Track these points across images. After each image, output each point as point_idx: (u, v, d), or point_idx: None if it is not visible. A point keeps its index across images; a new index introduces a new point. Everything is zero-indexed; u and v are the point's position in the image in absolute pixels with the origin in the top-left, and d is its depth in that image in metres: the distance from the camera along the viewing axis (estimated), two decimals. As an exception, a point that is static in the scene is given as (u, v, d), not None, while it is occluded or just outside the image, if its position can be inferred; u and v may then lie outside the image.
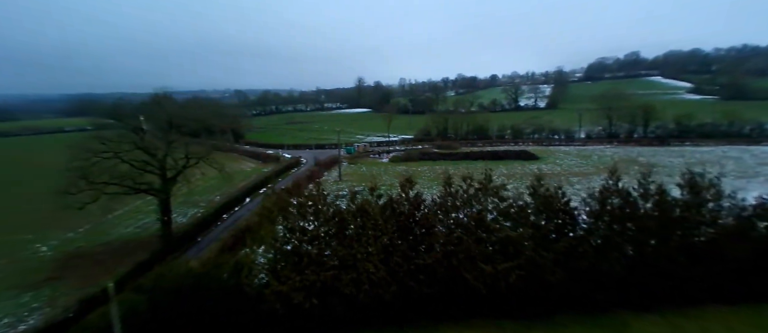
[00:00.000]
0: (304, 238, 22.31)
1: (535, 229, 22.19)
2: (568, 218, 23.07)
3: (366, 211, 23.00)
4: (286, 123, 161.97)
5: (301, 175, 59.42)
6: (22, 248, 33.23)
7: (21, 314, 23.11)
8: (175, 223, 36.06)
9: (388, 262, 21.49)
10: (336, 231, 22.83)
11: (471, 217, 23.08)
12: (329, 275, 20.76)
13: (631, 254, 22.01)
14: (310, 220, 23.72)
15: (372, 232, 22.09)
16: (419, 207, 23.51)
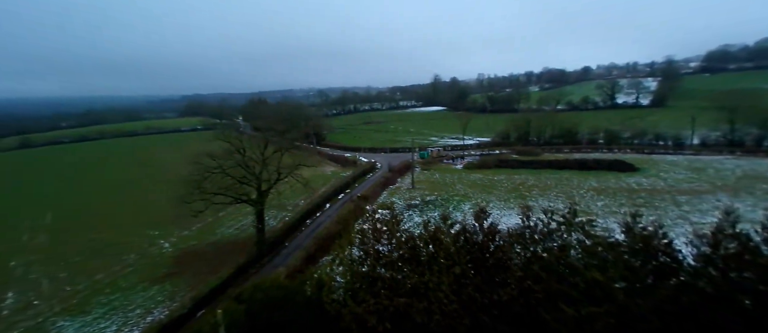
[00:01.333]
0: (379, 263, 23.30)
1: (628, 272, 20.13)
2: (670, 261, 20.44)
3: (438, 239, 23.15)
4: (363, 123, 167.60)
5: (375, 182, 61.52)
6: (150, 243, 40.21)
7: (149, 306, 28.17)
8: (267, 226, 40.36)
9: (461, 294, 21.37)
10: (409, 256, 23.37)
11: (552, 253, 21.82)
12: (402, 302, 21.40)
13: (750, 309, 18.73)
14: (384, 242, 24.62)
15: (444, 261, 22.21)
16: (494, 238, 22.91)
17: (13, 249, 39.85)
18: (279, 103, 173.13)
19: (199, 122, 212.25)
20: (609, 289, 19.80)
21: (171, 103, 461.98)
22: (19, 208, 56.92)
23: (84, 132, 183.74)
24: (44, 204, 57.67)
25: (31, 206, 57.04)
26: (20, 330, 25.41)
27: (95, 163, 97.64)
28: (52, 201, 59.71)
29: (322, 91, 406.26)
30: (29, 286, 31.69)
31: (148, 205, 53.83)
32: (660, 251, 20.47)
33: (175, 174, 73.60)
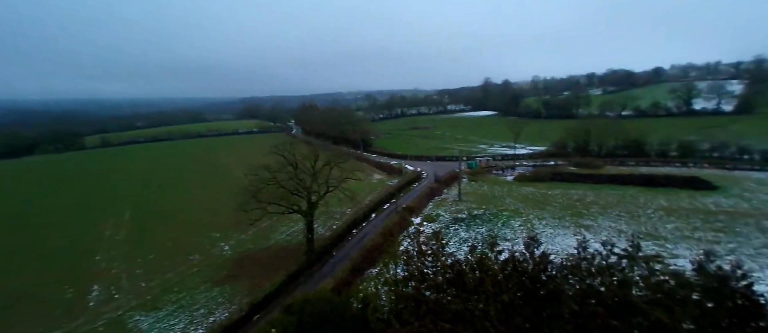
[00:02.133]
0: (423, 285, 23.28)
1: (701, 315, 18.26)
2: (751, 305, 18.24)
3: (485, 266, 22.64)
4: (409, 128, 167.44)
5: (421, 192, 61.26)
6: (212, 246, 43.58)
7: (211, 307, 30.57)
8: (316, 233, 41.99)
9: (509, 324, 20.68)
10: (453, 279, 23.11)
11: (610, 288, 20.41)
12: (447, 327, 21.18)
13: None
14: (429, 263, 24.53)
15: (491, 288, 21.67)
16: (546, 268, 21.93)
17: (98, 244, 45.23)
18: (328, 109, 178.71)
19: (255, 125, 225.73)
20: (675, 331, 18.15)
21: (230, 105, 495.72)
22: (103, 204, 64.31)
23: (155, 132, 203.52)
24: (123, 202, 64.71)
25: (113, 203, 64.26)
26: (104, 321, 28.83)
27: (165, 163, 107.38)
28: (130, 199, 66.78)
29: (370, 94, 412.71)
30: (111, 280, 35.85)
31: (211, 207, 58.30)
32: (738, 292, 18.43)
33: (234, 177, 78.97)
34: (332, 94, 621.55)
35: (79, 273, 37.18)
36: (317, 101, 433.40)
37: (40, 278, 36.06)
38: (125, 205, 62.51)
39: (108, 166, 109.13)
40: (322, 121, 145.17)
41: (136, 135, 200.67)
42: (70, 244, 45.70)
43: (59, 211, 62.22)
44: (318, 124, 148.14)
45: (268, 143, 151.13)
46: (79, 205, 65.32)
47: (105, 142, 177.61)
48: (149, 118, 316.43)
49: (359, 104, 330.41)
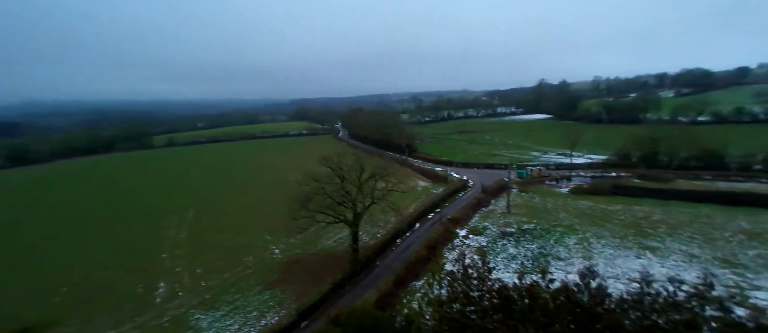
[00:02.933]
0: (468, 309, 22.74)
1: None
2: None
3: (535, 293, 21.63)
4: (456, 132, 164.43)
5: (467, 202, 59.89)
6: (265, 248, 45.97)
7: (263, 310, 32.27)
8: (360, 240, 42.73)
9: (560, 358, 19.62)
10: (500, 305, 22.32)
11: (678, 328, 18.55)
12: (493, 356, 20.58)
13: None
14: (473, 285, 23.89)
15: (542, 318, 20.64)
16: (603, 301, 20.46)
17: (164, 242, 49.56)
18: (373, 112, 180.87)
19: (304, 127, 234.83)
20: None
21: (283, 107, 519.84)
22: (169, 203, 70.32)
23: (215, 133, 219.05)
24: (187, 201, 70.29)
25: (177, 202, 70.06)
26: (168, 318, 31.57)
27: (223, 164, 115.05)
28: (193, 199, 72.36)
29: (416, 96, 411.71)
30: (175, 277, 39.14)
31: (263, 210, 61.54)
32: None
33: (284, 180, 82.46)
34: (379, 95, 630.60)
35: (148, 270, 41.00)
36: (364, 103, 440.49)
37: (116, 273, 40.28)
38: (188, 204, 67.83)
39: (173, 165, 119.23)
40: (368, 125, 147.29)
41: (197, 135, 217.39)
42: (141, 241, 50.58)
43: (131, 208, 69.02)
44: (364, 128, 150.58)
45: (315, 146, 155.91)
46: (149, 203, 71.99)
47: (171, 142, 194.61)
48: (210, 119, 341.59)
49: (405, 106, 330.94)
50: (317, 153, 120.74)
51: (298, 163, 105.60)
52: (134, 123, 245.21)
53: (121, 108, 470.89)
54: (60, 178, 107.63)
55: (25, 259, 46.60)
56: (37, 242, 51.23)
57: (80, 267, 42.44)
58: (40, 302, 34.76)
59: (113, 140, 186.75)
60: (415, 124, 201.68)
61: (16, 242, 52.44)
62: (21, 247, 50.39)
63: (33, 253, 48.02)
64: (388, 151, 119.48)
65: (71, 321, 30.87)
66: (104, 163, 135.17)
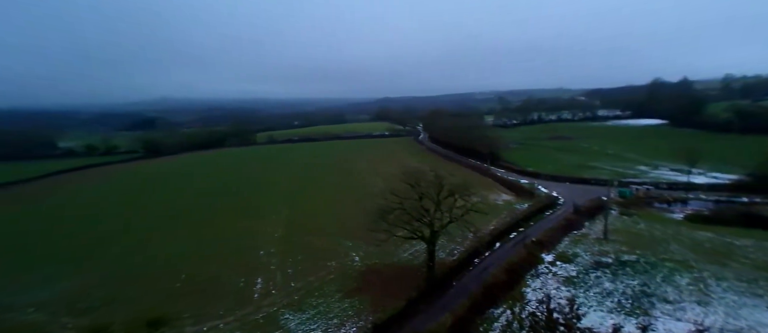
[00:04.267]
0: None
1: None
2: None
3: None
4: (547, 137, 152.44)
5: (555, 223, 55.32)
6: (346, 254, 48.67)
7: (342, 318, 34.36)
8: (437, 256, 42.68)
9: None
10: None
11: None
12: None
13: None
14: (561, 332, 22.30)
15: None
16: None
17: (262, 239, 55.43)
18: (455, 116, 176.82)
19: (386, 128, 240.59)
20: None
21: (367, 106, 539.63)
22: (267, 201, 78.20)
23: (306, 132, 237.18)
24: (281, 200, 77.51)
25: (274, 201, 77.57)
26: (263, 314, 35.50)
27: (312, 163, 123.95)
28: (287, 198, 79.47)
29: (503, 96, 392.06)
30: (270, 275, 43.72)
31: (345, 214, 64.99)
32: None
33: (365, 184, 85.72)
34: (461, 94, 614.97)
35: (248, 265, 46.39)
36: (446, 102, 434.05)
37: (222, 266, 46.38)
38: (283, 203, 74.79)
39: (271, 163, 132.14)
40: (449, 128, 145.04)
41: (292, 134, 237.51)
42: (243, 236, 57.28)
43: (235, 203, 78.39)
44: (444, 132, 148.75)
45: (395, 150, 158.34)
46: (250, 198, 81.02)
47: (270, 139, 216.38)
48: (303, 117, 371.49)
49: (490, 107, 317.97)
50: (396, 157, 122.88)
51: (378, 167, 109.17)
52: (240, 121, 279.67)
53: (231, 106, 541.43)
54: (182, 171, 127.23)
55: (146, 249, 55.89)
56: (154, 235, 61.08)
57: (191, 259, 49.69)
58: (160, 291, 41.57)
59: (224, 136, 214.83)
60: (499, 127, 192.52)
61: (138, 234, 63.03)
62: (142, 238, 60.51)
63: (151, 244, 57.33)
64: (469, 157, 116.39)
65: (184, 311, 36.54)
66: (216, 157, 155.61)
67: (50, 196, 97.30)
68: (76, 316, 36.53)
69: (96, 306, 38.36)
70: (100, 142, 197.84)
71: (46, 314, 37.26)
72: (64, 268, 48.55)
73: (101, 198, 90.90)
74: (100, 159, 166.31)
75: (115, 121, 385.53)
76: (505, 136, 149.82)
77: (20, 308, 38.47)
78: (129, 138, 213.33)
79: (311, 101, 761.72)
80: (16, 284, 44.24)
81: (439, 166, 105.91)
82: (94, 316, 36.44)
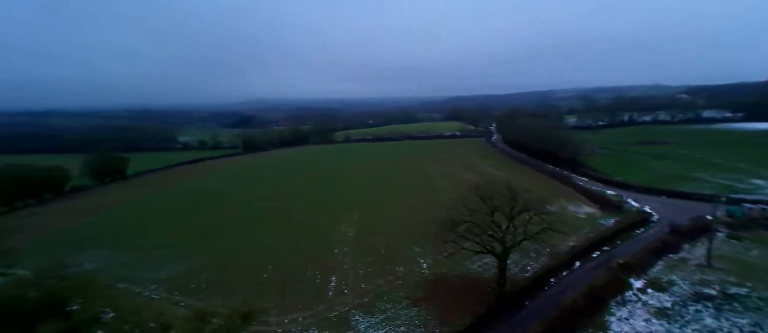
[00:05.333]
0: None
1: None
2: None
3: None
4: (639, 143, 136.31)
5: (647, 244, 49.95)
6: (414, 260, 49.84)
7: (409, 327, 35.66)
8: (509, 270, 41.74)
9: None
10: None
11: None
12: None
13: None
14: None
15: None
16: None
17: (336, 238, 59.01)
18: (532, 117, 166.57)
19: (458, 128, 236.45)
20: None
21: (439, 105, 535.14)
22: (343, 199, 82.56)
23: (379, 131, 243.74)
24: (355, 199, 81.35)
25: (348, 199, 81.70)
26: (335, 313, 38.32)
27: (384, 164, 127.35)
28: (359, 197, 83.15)
29: (587, 93, 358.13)
30: (343, 274, 46.74)
31: (414, 218, 66.04)
32: None
33: (435, 188, 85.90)
34: (540, 92, 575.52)
35: (325, 263, 49.95)
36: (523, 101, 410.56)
37: (302, 262, 50.61)
38: (356, 202, 78.62)
39: (348, 161, 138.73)
40: (525, 131, 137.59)
41: (366, 133, 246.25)
42: (320, 233, 61.54)
43: (317, 200, 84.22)
44: (520, 134, 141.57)
45: (467, 151, 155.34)
46: (329, 196, 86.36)
47: (347, 138, 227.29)
48: (377, 116, 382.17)
49: (572, 105, 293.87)
50: (467, 160, 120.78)
51: (449, 170, 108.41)
52: (322, 120, 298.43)
53: (316, 105, 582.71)
54: (272, 166, 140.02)
55: (242, 238, 62.58)
56: (248, 226, 68.17)
57: (277, 251, 54.89)
58: (251, 280, 46.84)
59: (308, 135, 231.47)
60: (583, 128, 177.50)
61: (236, 224, 70.89)
62: (238, 228, 67.89)
63: (245, 234, 64.22)
64: (547, 163, 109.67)
65: (270, 301, 40.97)
66: (300, 154, 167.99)
67: (171, 185, 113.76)
68: (186, 295, 43.35)
69: (203, 287, 45.04)
70: (210, 138, 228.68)
71: (164, 291, 44.71)
72: (180, 250, 56.97)
73: (208, 189, 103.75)
74: (209, 153, 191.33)
75: (221, 119, 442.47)
76: (589, 139, 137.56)
77: (147, 284, 46.68)
78: (231, 134, 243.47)
79: (385, 100, 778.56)
80: (147, 262, 53.46)
81: (513, 172, 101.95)
82: (201, 296, 43.00)
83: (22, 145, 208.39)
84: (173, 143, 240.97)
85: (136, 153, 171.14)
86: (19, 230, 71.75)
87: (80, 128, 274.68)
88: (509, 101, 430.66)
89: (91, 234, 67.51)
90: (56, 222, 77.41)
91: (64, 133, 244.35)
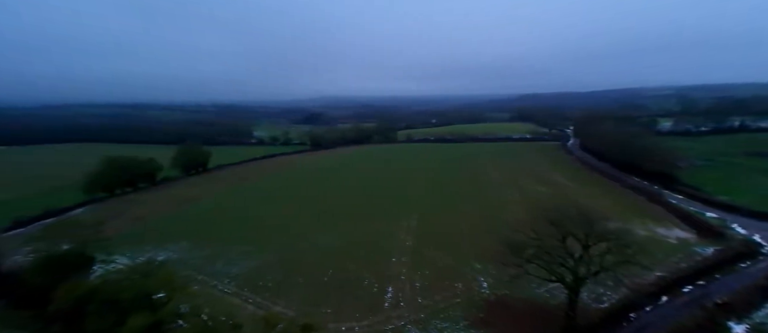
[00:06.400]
0: None
1: None
2: None
3: None
4: (748, 153, 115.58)
5: (755, 281, 42.14)
6: (473, 277, 47.91)
7: (467, 350, 34.32)
8: (580, 300, 38.07)
9: None
10: None
11: None
12: None
13: None
14: None
15: None
16: None
17: (394, 245, 58.93)
18: (616, 120, 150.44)
19: (528, 130, 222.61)
20: None
21: (508, 103, 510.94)
22: (401, 205, 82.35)
23: (442, 132, 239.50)
24: (414, 205, 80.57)
25: (407, 205, 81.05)
26: (391, 326, 38.36)
27: (445, 169, 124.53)
28: (418, 204, 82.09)
29: (685, 92, 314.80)
30: (400, 285, 46.60)
31: (475, 231, 63.57)
32: None
33: (501, 200, 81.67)
34: (628, 90, 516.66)
35: (382, 271, 50.21)
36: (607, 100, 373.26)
37: (359, 268, 51.55)
38: (415, 208, 77.87)
39: (408, 163, 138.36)
40: (608, 135, 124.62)
41: (429, 133, 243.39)
42: (379, 239, 61.87)
43: (376, 203, 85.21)
44: (601, 139, 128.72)
45: (538, 158, 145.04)
46: (387, 200, 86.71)
47: (408, 138, 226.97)
48: (440, 115, 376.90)
49: (664, 107, 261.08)
50: (538, 169, 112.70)
51: (517, 179, 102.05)
52: (384, 118, 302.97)
53: (379, 103, 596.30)
54: (335, 165, 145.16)
55: (306, 239, 64.88)
56: (312, 226, 70.68)
57: (337, 254, 56.34)
58: (313, 282, 48.68)
59: (370, 134, 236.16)
60: (679, 134, 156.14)
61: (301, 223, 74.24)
62: (303, 228, 70.66)
63: (309, 235, 66.26)
64: (633, 175, 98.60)
65: (329, 307, 42.31)
66: (362, 154, 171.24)
67: (247, 180, 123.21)
68: (254, 293, 46.66)
69: (269, 286, 48.15)
70: (281, 134, 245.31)
71: (236, 287, 48.57)
72: (250, 246, 61.25)
73: (277, 187, 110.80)
74: (280, 149, 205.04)
75: (292, 115, 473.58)
76: (686, 147, 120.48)
77: (221, 278, 51.15)
78: (299, 131, 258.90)
79: (449, 98, 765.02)
80: (222, 256, 58.53)
81: (591, 185, 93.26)
82: (266, 295, 46.00)
83: (125, 134, 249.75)
84: (248, 138, 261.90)
85: (215, 146, 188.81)
86: (119, 216, 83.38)
87: (170, 121, 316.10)
88: (589, 100, 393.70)
89: (177, 225, 75.69)
90: (148, 211, 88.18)
91: (157, 126, 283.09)
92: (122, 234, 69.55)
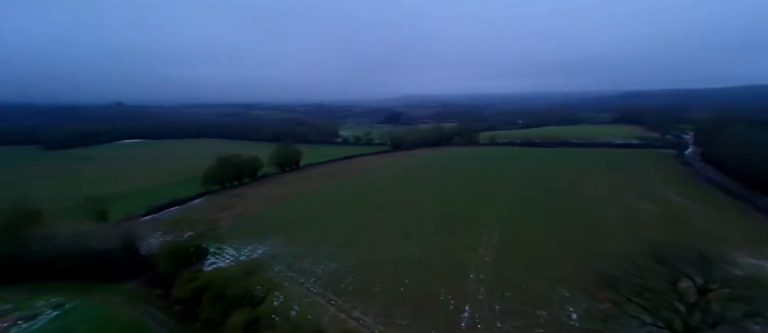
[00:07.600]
0: None
1: None
2: None
3: None
4: None
5: None
6: (560, 307, 44.18)
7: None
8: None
9: None
10: None
11: None
12: None
13: None
14: None
15: None
16: None
17: (473, 261, 57.30)
18: (757, 125, 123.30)
19: (635, 135, 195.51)
20: None
21: (608, 102, 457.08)
22: (482, 215, 79.71)
23: (528, 135, 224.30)
24: (495, 218, 77.27)
25: (488, 217, 78.15)
26: (468, 349, 37.62)
27: (531, 176, 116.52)
28: (500, 216, 78.56)
29: None
30: (477, 306, 45.31)
31: (565, 252, 58.60)
32: None
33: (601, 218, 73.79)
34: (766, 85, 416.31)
35: (459, 287, 49.35)
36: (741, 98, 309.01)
37: (437, 280, 51.42)
38: (497, 221, 74.52)
39: (491, 169, 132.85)
40: (741, 144, 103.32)
41: (514, 135, 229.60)
42: (457, 252, 60.51)
43: (456, 213, 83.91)
44: (731, 149, 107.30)
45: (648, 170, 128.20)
46: (469, 209, 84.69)
47: (492, 140, 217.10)
48: (527, 115, 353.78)
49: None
50: (647, 184, 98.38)
51: (618, 194, 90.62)
52: (466, 119, 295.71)
53: (461, 102, 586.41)
54: (415, 168, 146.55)
55: (384, 245, 67.58)
56: (390, 232, 71.83)
57: (413, 264, 56.81)
58: (388, 292, 49.81)
59: (451, 135, 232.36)
60: None
61: (379, 228, 76.85)
62: (381, 233, 72.89)
63: (387, 242, 67.86)
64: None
65: (401, 320, 43.08)
66: (442, 157, 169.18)
67: (334, 179, 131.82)
68: (336, 295, 49.84)
69: (350, 290, 51.04)
70: (363, 134, 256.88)
71: (320, 287, 52.45)
72: (335, 248, 65.41)
73: (361, 188, 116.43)
74: (363, 149, 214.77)
75: (375, 114, 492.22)
76: None
77: (308, 276, 55.67)
78: (381, 131, 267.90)
79: (538, 96, 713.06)
80: (311, 254, 63.57)
81: (714, 207, 78.61)
82: (346, 298, 48.83)
83: (234, 132, 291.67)
84: (334, 137, 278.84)
85: (305, 144, 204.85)
86: (227, 209, 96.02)
87: (269, 121, 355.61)
88: (717, 99, 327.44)
89: (273, 221, 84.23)
90: (250, 206, 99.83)
91: (258, 125, 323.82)
92: (229, 226, 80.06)
